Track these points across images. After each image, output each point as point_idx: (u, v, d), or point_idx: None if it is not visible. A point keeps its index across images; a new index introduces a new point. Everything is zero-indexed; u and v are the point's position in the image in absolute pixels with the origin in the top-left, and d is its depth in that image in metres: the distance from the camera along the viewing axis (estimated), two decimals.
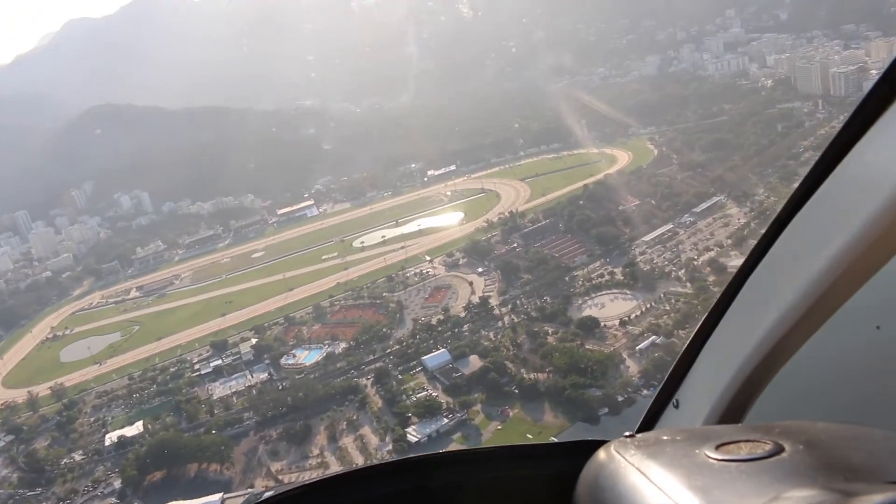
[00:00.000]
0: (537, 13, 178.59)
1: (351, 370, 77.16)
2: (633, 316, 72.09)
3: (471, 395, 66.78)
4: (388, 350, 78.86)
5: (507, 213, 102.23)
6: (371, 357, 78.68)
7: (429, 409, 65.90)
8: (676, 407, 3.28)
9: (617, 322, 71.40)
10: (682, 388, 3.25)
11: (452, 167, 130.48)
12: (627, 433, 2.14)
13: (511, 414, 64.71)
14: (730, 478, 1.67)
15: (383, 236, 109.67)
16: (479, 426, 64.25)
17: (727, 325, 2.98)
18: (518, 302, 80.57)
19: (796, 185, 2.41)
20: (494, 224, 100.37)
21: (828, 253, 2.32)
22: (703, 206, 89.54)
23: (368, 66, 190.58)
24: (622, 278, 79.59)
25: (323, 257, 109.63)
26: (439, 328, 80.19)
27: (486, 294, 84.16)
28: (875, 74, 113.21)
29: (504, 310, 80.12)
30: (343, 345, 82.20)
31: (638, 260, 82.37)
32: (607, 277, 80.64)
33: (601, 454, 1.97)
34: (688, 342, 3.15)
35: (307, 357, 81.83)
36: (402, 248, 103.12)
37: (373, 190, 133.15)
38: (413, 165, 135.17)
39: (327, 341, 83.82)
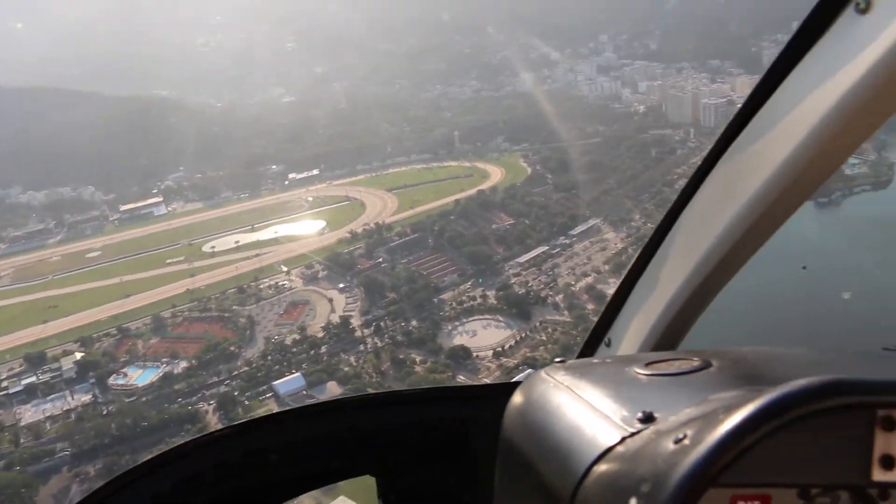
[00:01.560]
0: (412, 17, 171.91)
1: (191, 394, 67.17)
2: (507, 346, 65.82)
3: None
4: (236, 372, 69.33)
5: (372, 225, 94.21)
6: (215, 379, 68.94)
7: None
8: (608, 345, 3.30)
9: (490, 353, 64.94)
10: (614, 327, 3.24)
11: (315, 171, 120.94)
12: (559, 359, 2.26)
13: None
14: (658, 389, 1.73)
15: (237, 242, 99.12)
16: None
17: (658, 262, 3.05)
18: (383, 324, 72.80)
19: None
20: (359, 236, 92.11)
21: (753, 188, 2.50)
22: (580, 228, 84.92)
23: (231, 60, 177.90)
24: (495, 303, 73.42)
25: (168, 261, 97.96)
26: (294, 349, 71.44)
27: (347, 313, 76.05)
28: None
29: (367, 331, 72.30)
30: (184, 363, 71.95)
31: (512, 283, 76.46)
32: (479, 301, 74.25)
33: (531, 378, 2.02)
34: (620, 282, 3.14)
35: (140, 377, 71.02)
36: (257, 255, 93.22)
37: (228, 190, 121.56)
38: (273, 167, 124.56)
39: (165, 359, 73.26)
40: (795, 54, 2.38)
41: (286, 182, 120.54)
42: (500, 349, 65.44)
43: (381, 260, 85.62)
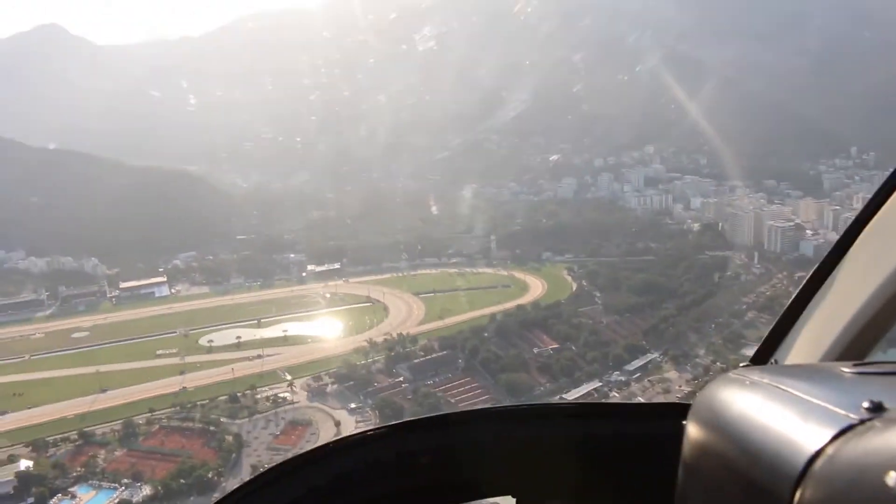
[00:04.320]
0: (450, 114, 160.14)
1: None
2: None
3: None
4: None
5: (394, 335, 78.95)
6: None
7: None
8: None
9: None
10: (783, 347, 2.85)
11: (336, 265, 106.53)
12: (743, 364, 2.16)
13: None
14: (876, 384, 1.52)
15: (238, 337, 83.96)
16: None
17: (842, 274, 2.74)
18: None
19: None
20: (378, 346, 76.90)
21: None
22: (637, 363, 69.58)
23: (268, 139, 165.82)
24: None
25: (158, 352, 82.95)
26: None
27: None
28: (811, 234, 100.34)
29: None
30: (148, 489, 56.33)
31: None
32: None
33: (717, 381, 1.81)
34: (791, 300, 2.81)
35: (91, 501, 55.23)
36: (259, 357, 78.33)
37: (239, 276, 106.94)
38: (291, 256, 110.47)
39: (127, 480, 57.68)
40: None
41: (303, 274, 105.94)
42: None
43: (401, 379, 70.27)
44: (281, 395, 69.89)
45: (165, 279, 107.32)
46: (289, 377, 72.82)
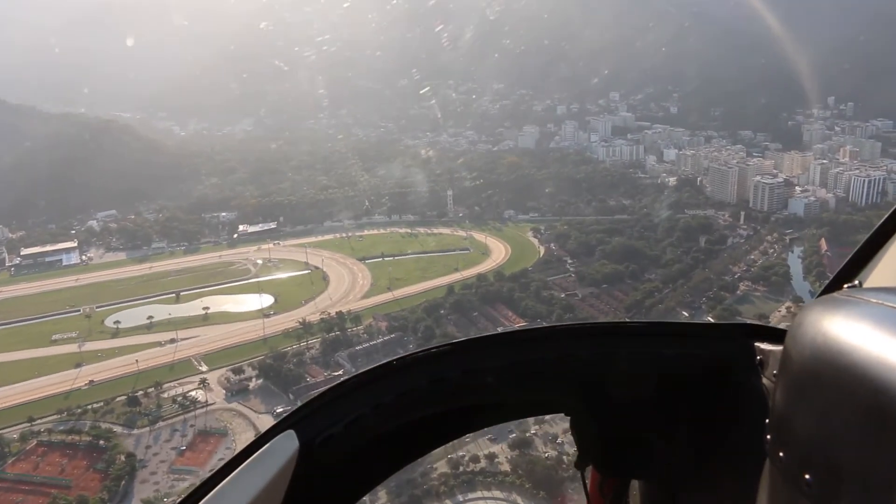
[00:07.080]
0: (402, 59, 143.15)
1: None
2: None
3: None
4: None
5: (333, 313, 64.57)
6: None
7: None
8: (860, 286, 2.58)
9: None
10: (866, 270, 2.55)
11: (273, 224, 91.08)
12: (848, 285, 2.01)
13: None
14: None
15: (150, 317, 68.91)
16: None
17: None
18: None
19: None
20: (313, 328, 62.68)
21: None
22: None
23: (212, 83, 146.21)
24: (509, 469, 44.34)
25: (53, 337, 67.53)
26: None
27: None
28: (800, 192, 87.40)
29: None
30: None
31: (532, 432, 47.29)
32: (484, 463, 44.96)
33: (822, 302, 1.60)
34: (880, 223, 2.48)
35: None
36: (173, 341, 63.58)
37: (162, 239, 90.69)
38: (223, 215, 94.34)
39: None
40: None
41: (235, 235, 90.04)
42: None
43: (340, 372, 56.00)
44: (193, 392, 55.42)
45: (76, 244, 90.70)
46: (204, 368, 58.33)
